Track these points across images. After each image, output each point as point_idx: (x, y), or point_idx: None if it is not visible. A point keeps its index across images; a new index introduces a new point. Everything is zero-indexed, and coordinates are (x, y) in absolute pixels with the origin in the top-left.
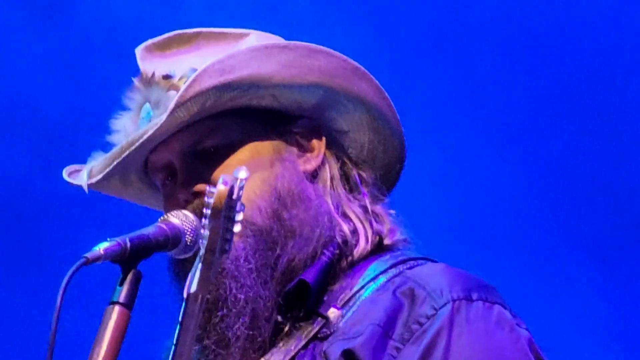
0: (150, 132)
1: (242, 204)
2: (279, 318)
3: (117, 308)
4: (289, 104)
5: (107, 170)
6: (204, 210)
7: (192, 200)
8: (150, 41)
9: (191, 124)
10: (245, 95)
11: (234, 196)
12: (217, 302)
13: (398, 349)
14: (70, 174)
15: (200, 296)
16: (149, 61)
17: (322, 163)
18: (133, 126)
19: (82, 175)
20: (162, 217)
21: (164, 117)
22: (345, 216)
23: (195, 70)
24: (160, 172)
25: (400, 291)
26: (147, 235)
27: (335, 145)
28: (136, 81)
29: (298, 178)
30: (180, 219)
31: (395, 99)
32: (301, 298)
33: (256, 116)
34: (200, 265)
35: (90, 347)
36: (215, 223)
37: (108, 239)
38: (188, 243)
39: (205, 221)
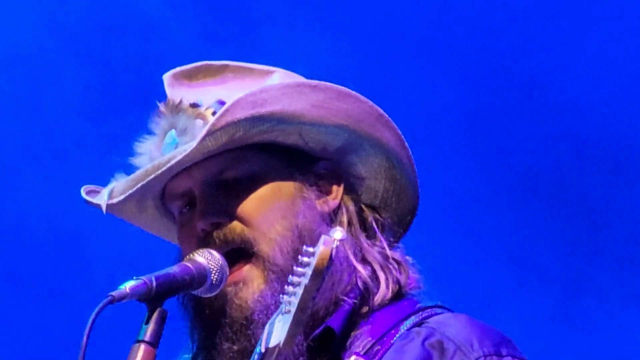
0: (178, 158)
1: (334, 267)
2: None
3: (142, 346)
4: (314, 145)
5: (130, 192)
6: (296, 269)
7: (210, 231)
8: (178, 69)
9: (216, 155)
10: (273, 131)
11: (333, 257)
12: (246, 353)
13: None
14: (88, 193)
15: (278, 351)
16: (177, 89)
17: (340, 207)
18: (157, 151)
19: (103, 194)
20: (188, 256)
21: (194, 144)
22: (364, 262)
23: (221, 101)
24: (179, 199)
25: (428, 343)
26: (173, 274)
27: (354, 192)
28: (162, 107)
29: (318, 218)
30: (206, 257)
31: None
32: (326, 343)
33: (280, 153)
34: (290, 321)
35: None
36: (314, 283)
37: (134, 278)
38: (214, 282)
39: (294, 278)
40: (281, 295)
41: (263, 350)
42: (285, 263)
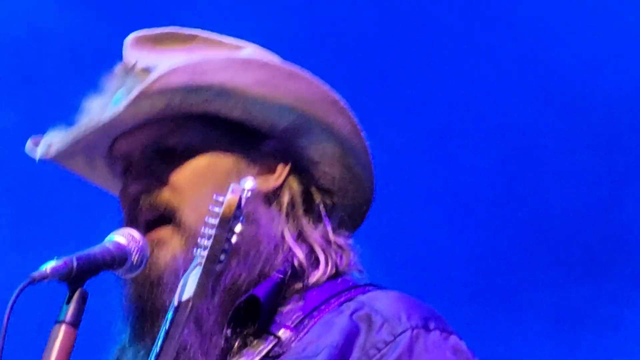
0: (107, 119)
1: (243, 216)
2: (229, 333)
3: (63, 327)
4: (260, 122)
5: (62, 147)
6: (208, 220)
7: (139, 196)
8: (144, 31)
9: (158, 121)
10: (214, 102)
11: (242, 206)
12: (158, 312)
13: None
14: (35, 144)
15: (191, 304)
16: (137, 51)
17: (282, 187)
18: (100, 109)
19: (39, 147)
20: (109, 237)
21: (122, 105)
22: (303, 241)
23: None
24: (121, 162)
25: (356, 315)
26: (94, 254)
27: (305, 173)
28: (117, 67)
29: (251, 198)
30: (126, 238)
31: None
32: (252, 315)
33: (225, 127)
34: (199, 272)
35: None
36: (221, 232)
37: (55, 258)
38: (134, 263)
39: (206, 230)
40: (195, 249)
41: (176, 304)
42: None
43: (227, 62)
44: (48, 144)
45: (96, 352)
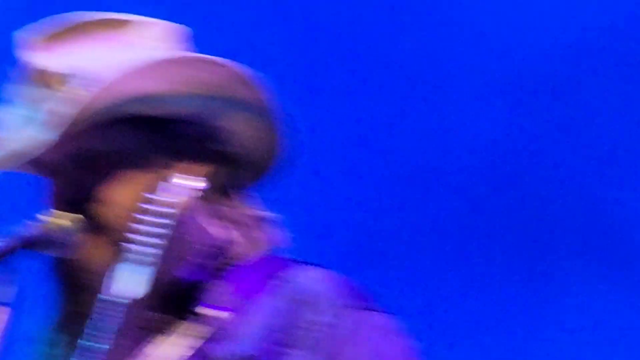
0: (38, 152)
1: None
2: (156, 316)
3: None
4: (176, 112)
5: None
6: (143, 218)
7: (65, 205)
8: (40, 32)
9: (84, 130)
10: (131, 109)
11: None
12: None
13: (289, 355)
14: None
15: (131, 299)
16: (41, 52)
17: (198, 170)
18: (14, 123)
19: None
20: (40, 217)
21: (53, 136)
22: (221, 221)
23: (90, 74)
24: (45, 168)
25: (283, 296)
26: (26, 235)
27: (219, 146)
28: (27, 74)
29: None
30: (57, 220)
31: None
32: (175, 297)
33: (146, 124)
34: (148, 270)
35: None
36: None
37: None
38: (65, 243)
39: (142, 228)
40: (122, 244)
41: (107, 298)
42: (122, 231)
43: (137, 72)
44: None
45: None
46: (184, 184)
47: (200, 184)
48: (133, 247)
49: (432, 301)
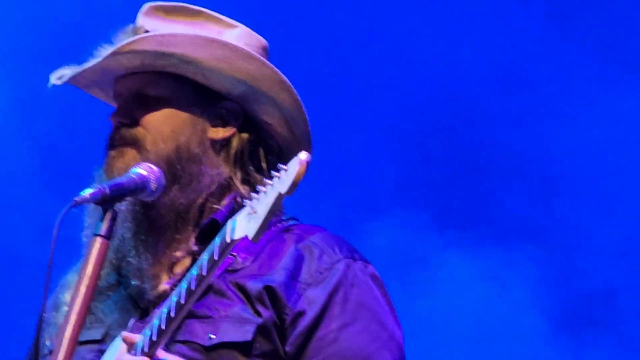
0: (88, 65)
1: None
2: (197, 248)
3: (99, 238)
4: (218, 87)
5: (67, 78)
6: (266, 180)
7: (118, 128)
8: (157, 3)
9: (143, 73)
10: (179, 67)
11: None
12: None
13: (304, 289)
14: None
15: (245, 241)
16: (148, 18)
17: (232, 138)
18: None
19: (52, 77)
20: (133, 169)
21: (100, 57)
22: (248, 183)
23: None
24: (116, 98)
25: (300, 246)
26: (121, 182)
27: (256, 133)
28: (128, 26)
29: (201, 142)
30: (146, 170)
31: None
32: (212, 233)
33: (191, 86)
34: (261, 220)
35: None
36: (289, 191)
37: (92, 186)
38: (153, 190)
39: (266, 189)
40: (243, 200)
41: (229, 240)
42: (157, 161)
43: (192, 38)
44: (60, 75)
45: None
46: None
47: (231, 149)
48: (254, 199)
49: None
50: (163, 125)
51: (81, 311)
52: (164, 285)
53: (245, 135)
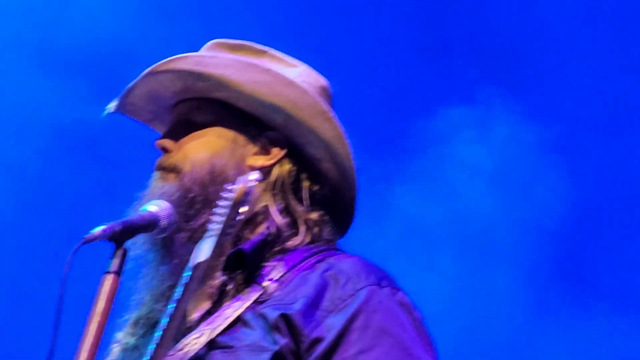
0: (129, 85)
1: (248, 201)
2: (224, 278)
3: (110, 275)
4: (259, 114)
5: (114, 107)
6: (220, 203)
7: (166, 152)
8: (225, 40)
9: (192, 99)
10: (220, 91)
11: (249, 193)
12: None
13: (324, 317)
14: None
15: (207, 265)
16: (211, 52)
17: (274, 167)
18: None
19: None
20: (143, 206)
21: (142, 75)
22: (288, 213)
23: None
24: (170, 120)
25: (326, 274)
26: (132, 220)
27: (305, 163)
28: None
29: (238, 168)
30: (158, 206)
31: None
32: (240, 264)
33: (236, 114)
34: (215, 240)
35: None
36: (232, 212)
37: (104, 224)
38: (163, 226)
39: (219, 210)
40: (207, 225)
41: (192, 265)
42: (190, 184)
43: (231, 61)
44: (111, 105)
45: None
46: (256, 177)
47: (271, 178)
48: (213, 222)
49: None
50: (201, 149)
51: (92, 349)
52: (195, 315)
53: (287, 166)
